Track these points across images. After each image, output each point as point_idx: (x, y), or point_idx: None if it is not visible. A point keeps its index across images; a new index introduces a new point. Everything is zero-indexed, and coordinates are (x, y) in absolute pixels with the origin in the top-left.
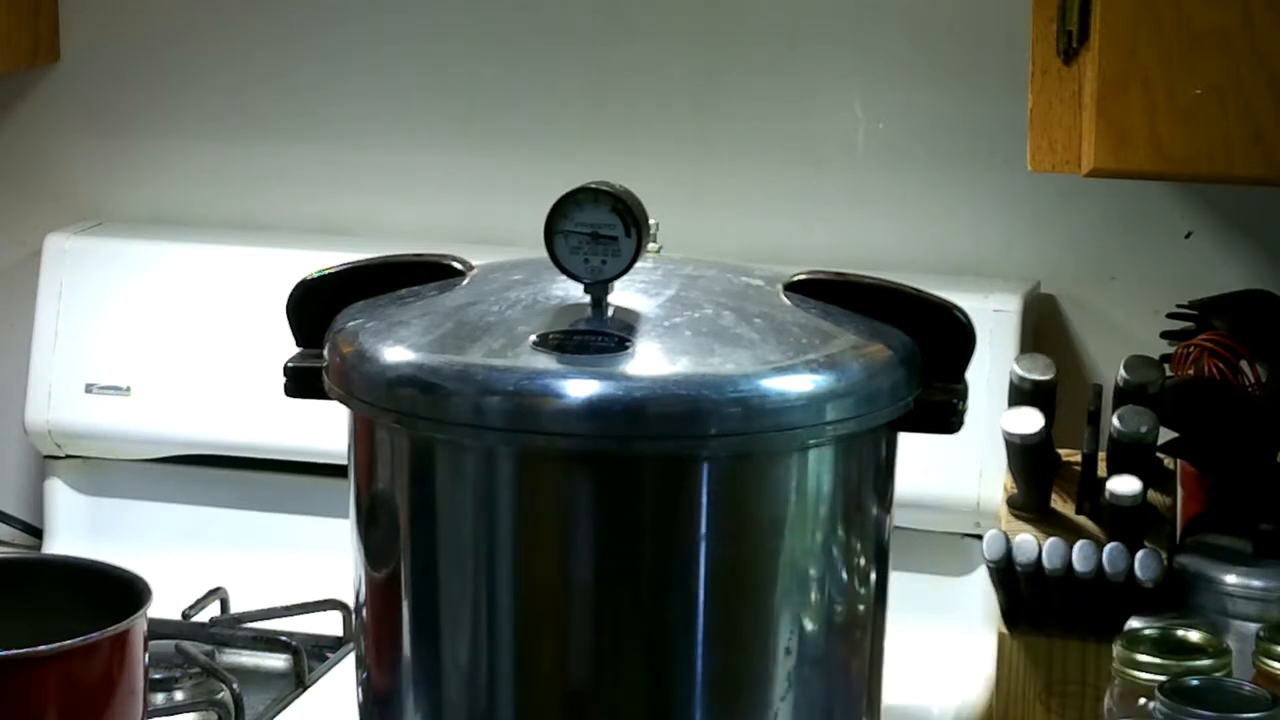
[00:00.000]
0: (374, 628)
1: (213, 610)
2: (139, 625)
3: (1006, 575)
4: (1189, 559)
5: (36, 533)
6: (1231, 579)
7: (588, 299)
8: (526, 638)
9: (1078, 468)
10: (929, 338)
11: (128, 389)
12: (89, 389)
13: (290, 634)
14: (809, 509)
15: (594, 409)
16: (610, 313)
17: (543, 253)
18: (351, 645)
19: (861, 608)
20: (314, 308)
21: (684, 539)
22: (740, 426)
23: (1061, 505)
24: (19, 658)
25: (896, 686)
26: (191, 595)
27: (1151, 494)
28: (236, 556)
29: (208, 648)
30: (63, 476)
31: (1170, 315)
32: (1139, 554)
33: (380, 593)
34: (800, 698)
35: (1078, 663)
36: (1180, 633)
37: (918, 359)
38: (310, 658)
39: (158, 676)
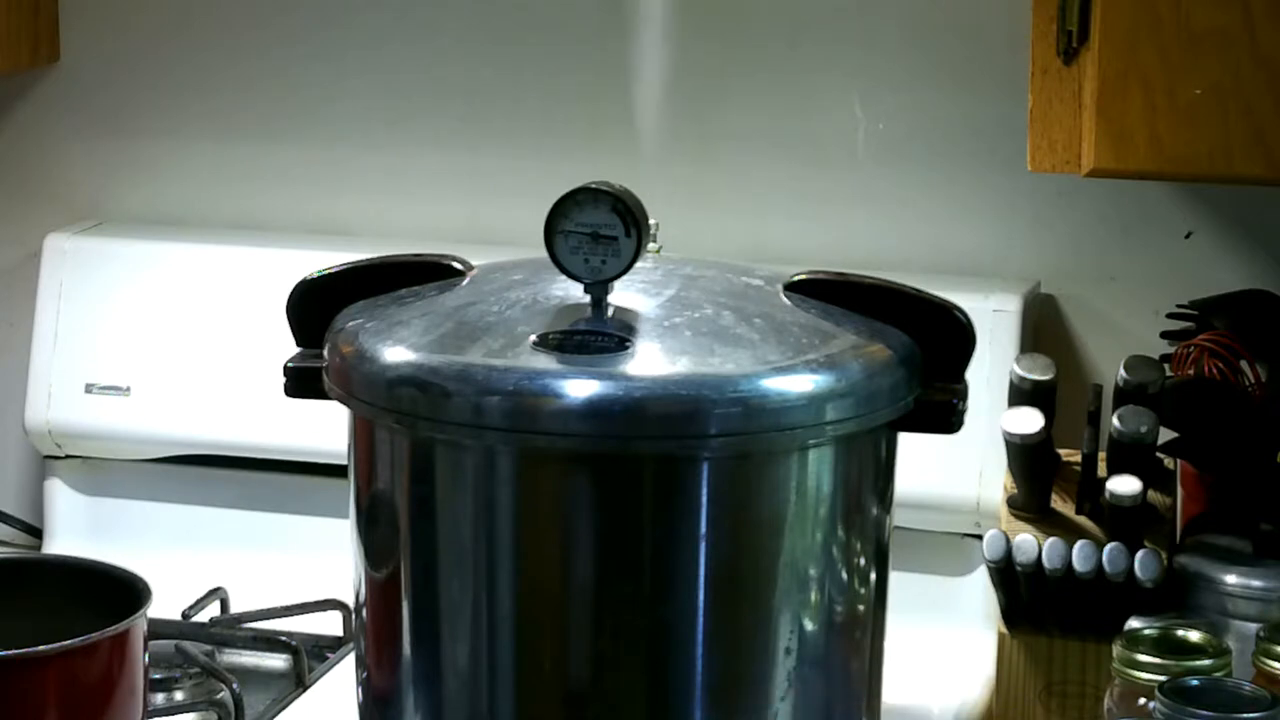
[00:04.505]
0: (374, 628)
1: (213, 610)
2: (139, 625)
3: (1006, 575)
4: (1189, 559)
5: (36, 533)
6: (1231, 579)
7: (588, 299)
8: (526, 637)
9: (1078, 468)
10: (929, 338)
11: (128, 389)
12: (89, 389)
13: (290, 634)
14: (809, 509)
15: (594, 409)
16: (610, 313)
17: (543, 253)
18: (351, 645)
19: (861, 608)
20: (314, 308)
21: (684, 539)
22: (740, 426)
23: (1061, 505)
24: (19, 658)
25: (896, 686)
26: (191, 595)
27: (1151, 494)
28: (236, 556)
29: (208, 648)
30: (63, 476)
31: (1170, 315)
32: (1139, 554)
33: (380, 593)
34: (800, 698)
35: (1078, 663)
36: (1180, 633)
37: (918, 359)
38: (310, 658)
39: (158, 676)
